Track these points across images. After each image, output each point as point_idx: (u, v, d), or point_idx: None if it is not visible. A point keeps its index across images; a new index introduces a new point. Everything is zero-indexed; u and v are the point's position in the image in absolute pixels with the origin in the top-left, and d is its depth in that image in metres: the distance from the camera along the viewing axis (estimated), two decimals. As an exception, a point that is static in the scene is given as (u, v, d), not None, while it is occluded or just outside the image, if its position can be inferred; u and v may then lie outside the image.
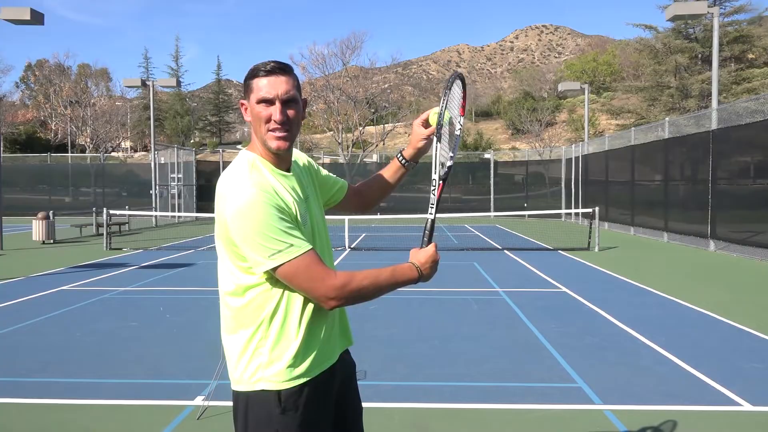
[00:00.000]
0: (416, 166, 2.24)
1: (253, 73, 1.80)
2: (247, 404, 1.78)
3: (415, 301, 7.93)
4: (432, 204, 2.01)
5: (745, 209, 13.38)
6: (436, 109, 2.08)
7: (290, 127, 1.80)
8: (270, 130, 1.78)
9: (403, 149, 2.21)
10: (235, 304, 1.79)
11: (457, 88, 2.12)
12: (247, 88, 1.82)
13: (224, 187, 1.76)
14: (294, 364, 1.76)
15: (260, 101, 1.78)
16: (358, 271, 1.79)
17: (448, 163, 2.05)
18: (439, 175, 2.02)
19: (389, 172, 2.24)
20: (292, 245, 1.69)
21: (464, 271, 10.79)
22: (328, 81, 47.19)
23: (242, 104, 1.86)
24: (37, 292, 8.80)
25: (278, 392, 1.75)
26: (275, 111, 1.77)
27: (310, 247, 1.73)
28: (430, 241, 1.96)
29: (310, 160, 2.08)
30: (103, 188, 31.59)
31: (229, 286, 1.80)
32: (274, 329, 1.76)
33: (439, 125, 2.04)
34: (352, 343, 2.02)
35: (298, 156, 2.01)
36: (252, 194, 1.69)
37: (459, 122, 2.11)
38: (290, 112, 1.79)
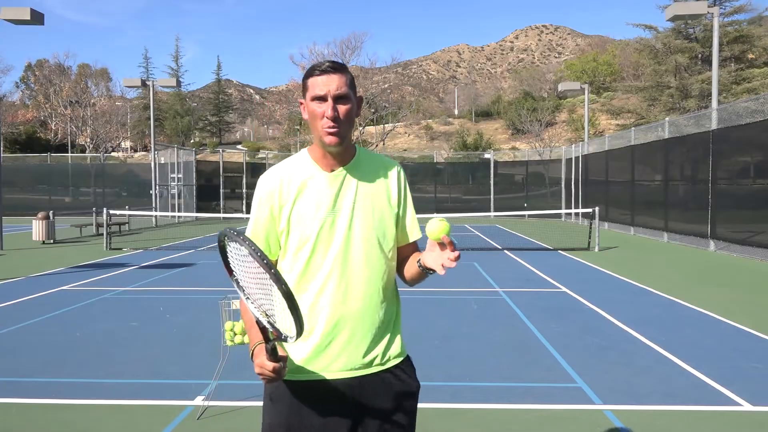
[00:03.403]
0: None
1: (309, 73, 1.85)
2: None
3: (415, 301, 7.93)
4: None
5: (745, 209, 13.37)
6: (437, 223, 1.75)
7: (341, 123, 1.82)
8: (323, 127, 1.82)
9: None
10: None
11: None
12: (303, 87, 1.88)
13: None
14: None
15: (314, 98, 1.83)
16: (248, 310, 1.72)
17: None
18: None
19: (412, 270, 1.96)
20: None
21: (464, 271, 10.78)
22: (328, 81, 47.12)
23: (301, 103, 1.92)
24: (37, 292, 8.80)
25: None
26: (327, 108, 1.81)
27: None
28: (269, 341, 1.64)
29: (401, 170, 1.99)
30: (103, 188, 31.59)
31: None
32: None
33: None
34: (373, 369, 1.89)
35: (386, 162, 1.97)
36: (263, 176, 1.92)
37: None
38: (342, 109, 1.82)
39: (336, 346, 1.84)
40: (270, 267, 1.50)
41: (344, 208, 1.85)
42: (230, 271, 1.67)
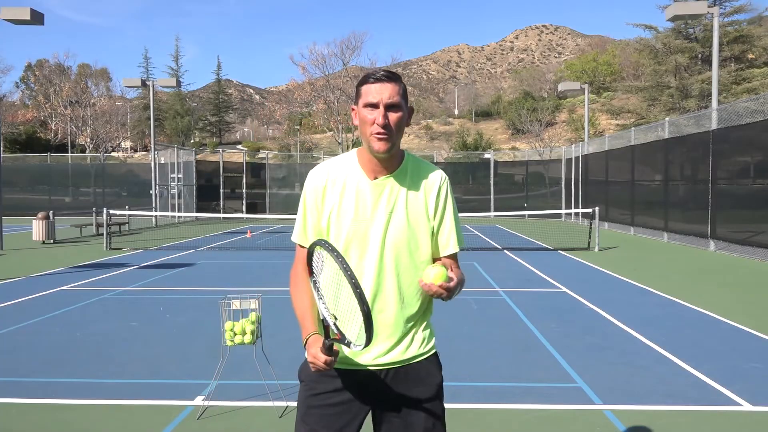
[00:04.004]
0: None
1: (363, 80, 1.92)
2: None
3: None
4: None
5: (745, 209, 13.38)
6: (432, 270, 1.83)
7: (391, 131, 1.87)
8: (373, 133, 1.86)
9: None
10: None
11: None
12: (356, 94, 1.95)
13: None
14: None
15: (366, 105, 1.88)
16: (304, 293, 1.93)
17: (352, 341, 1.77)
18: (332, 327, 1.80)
19: None
20: (297, 231, 2.01)
21: (464, 271, 10.73)
22: (328, 81, 47.24)
23: (353, 109, 1.98)
24: (37, 292, 8.80)
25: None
26: (378, 115, 1.85)
27: (301, 243, 1.99)
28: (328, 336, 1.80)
29: (444, 182, 2.03)
30: (103, 188, 31.60)
31: None
32: None
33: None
34: (397, 363, 1.95)
35: (431, 173, 2.00)
36: (312, 171, 2.00)
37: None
38: (393, 117, 1.87)
39: (385, 333, 1.93)
40: (357, 287, 1.65)
41: (380, 217, 1.91)
42: (311, 272, 1.85)
